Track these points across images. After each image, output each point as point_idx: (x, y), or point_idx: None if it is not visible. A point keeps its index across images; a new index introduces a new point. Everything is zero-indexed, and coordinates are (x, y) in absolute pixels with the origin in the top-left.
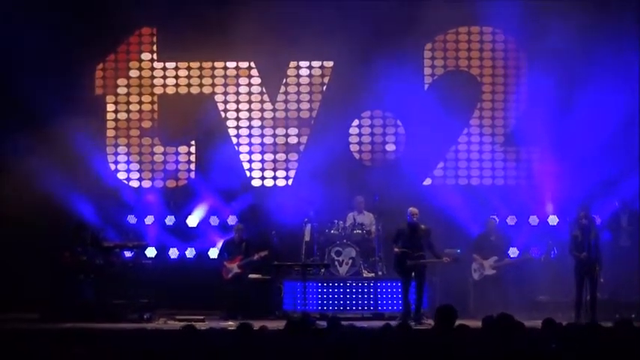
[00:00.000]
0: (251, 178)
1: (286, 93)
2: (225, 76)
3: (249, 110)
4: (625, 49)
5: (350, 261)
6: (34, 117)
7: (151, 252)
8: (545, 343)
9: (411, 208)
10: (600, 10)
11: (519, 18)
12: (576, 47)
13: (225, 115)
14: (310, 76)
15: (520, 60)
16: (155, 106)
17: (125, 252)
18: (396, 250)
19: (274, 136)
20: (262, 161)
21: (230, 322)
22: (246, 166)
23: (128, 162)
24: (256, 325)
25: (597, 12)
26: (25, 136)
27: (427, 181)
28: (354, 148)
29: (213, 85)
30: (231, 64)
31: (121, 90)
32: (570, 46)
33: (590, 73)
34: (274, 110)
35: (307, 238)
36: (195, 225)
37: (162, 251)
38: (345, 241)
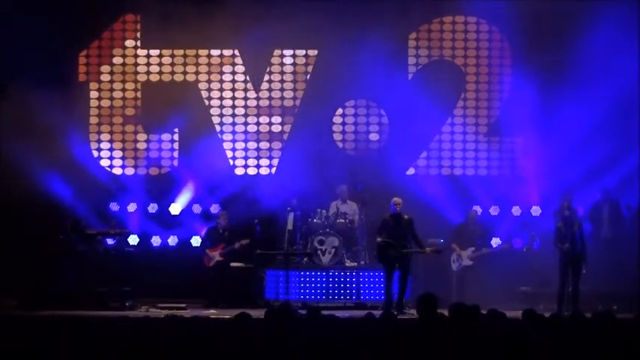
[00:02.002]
0: (234, 166)
1: (270, 81)
2: (209, 64)
3: (233, 98)
4: (612, 40)
5: (333, 250)
6: (16, 104)
7: (133, 240)
8: (525, 333)
9: (394, 199)
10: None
11: (504, 8)
12: (560, 38)
13: (209, 103)
14: (294, 64)
15: (504, 50)
16: (138, 94)
17: (107, 239)
18: (378, 240)
19: (258, 124)
20: (246, 149)
21: (212, 310)
22: (229, 154)
23: (111, 149)
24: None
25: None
26: (7, 123)
27: (410, 171)
28: (337, 137)
29: (196, 72)
30: (215, 52)
31: (105, 77)
32: (554, 37)
33: (573, 63)
34: (258, 99)
35: (290, 226)
36: (177, 213)
37: (144, 239)
38: (328, 230)
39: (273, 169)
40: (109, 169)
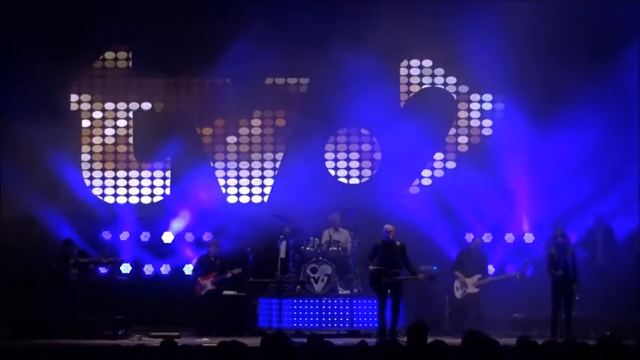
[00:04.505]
0: (227, 194)
1: (262, 109)
2: (200, 93)
3: (225, 126)
4: (603, 72)
5: (325, 278)
6: (8, 133)
7: (125, 268)
8: None
9: (386, 225)
10: (572, 34)
11: (496, 35)
12: (552, 65)
13: (201, 132)
14: (286, 92)
15: (496, 78)
16: (130, 122)
17: (100, 268)
18: (370, 267)
19: (250, 152)
20: (238, 177)
21: (205, 339)
22: (221, 182)
23: (103, 178)
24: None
25: (570, 34)
26: None
27: (403, 198)
28: (329, 164)
29: (189, 101)
30: (206, 80)
31: (96, 106)
32: (546, 63)
33: (566, 90)
34: (250, 126)
35: (283, 255)
36: (170, 241)
37: (137, 267)
38: (320, 258)
39: (266, 198)
40: (101, 198)
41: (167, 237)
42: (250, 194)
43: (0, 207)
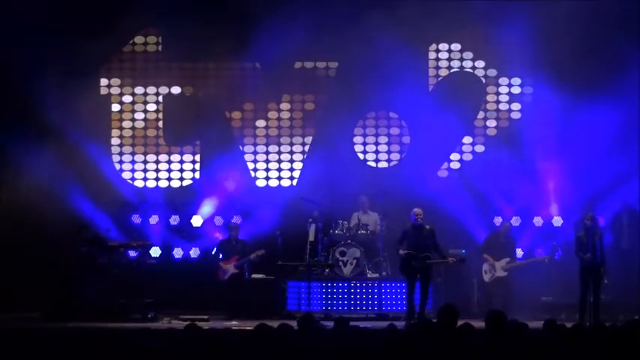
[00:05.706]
0: (256, 178)
1: (291, 93)
2: (230, 77)
3: (254, 110)
4: (627, 52)
5: (354, 261)
6: (38, 117)
7: (155, 251)
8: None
9: (414, 209)
10: (602, 16)
11: (523, 19)
12: (579, 48)
13: (230, 116)
14: (315, 76)
15: (524, 61)
16: (160, 107)
17: (129, 251)
18: (400, 251)
19: (279, 136)
20: (267, 161)
21: (234, 322)
22: (250, 166)
23: (133, 162)
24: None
25: (600, 16)
26: (29, 137)
27: (432, 182)
28: (358, 148)
29: (218, 85)
30: (236, 65)
31: (126, 90)
32: (575, 48)
33: (595, 75)
34: (279, 110)
35: (312, 238)
36: (199, 225)
37: (166, 251)
38: (349, 241)
39: (295, 181)
40: (130, 182)
41: (196, 221)
42: (279, 178)
43: (29, 190)
